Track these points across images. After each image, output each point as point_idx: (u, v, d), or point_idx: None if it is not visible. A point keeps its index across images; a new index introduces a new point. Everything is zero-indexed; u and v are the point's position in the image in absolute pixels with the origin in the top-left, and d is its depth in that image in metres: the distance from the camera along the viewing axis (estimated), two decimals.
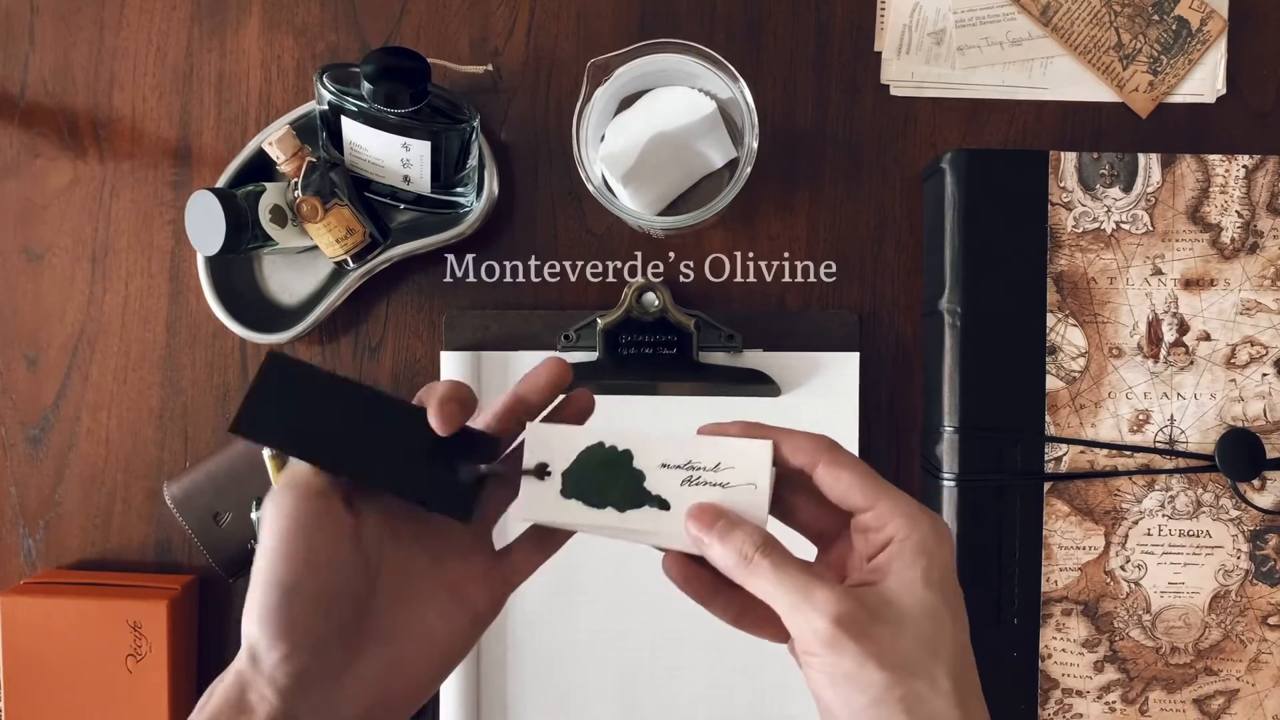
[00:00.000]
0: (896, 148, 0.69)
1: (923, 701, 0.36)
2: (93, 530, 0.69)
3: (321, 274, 0.67)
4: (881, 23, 0.69)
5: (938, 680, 0.36)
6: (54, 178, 0.69)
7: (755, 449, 0.40)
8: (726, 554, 0.38)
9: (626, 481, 0.41)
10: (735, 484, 0.40)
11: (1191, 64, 0.68)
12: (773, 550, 0.38)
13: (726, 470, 0.40)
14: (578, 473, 0.41)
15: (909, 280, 0.68)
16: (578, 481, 0.41)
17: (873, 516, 0.39)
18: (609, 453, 0.41)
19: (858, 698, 0.36)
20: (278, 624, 0.37)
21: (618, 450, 0.41)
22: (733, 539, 0.38)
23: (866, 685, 0.36)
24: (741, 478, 0.40)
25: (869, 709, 0.36)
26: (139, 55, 0.69)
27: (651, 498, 0.41)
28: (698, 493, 0.40)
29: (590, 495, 0.41)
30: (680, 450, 0.41)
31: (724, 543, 0.38)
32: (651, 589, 0.66)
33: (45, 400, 0.69)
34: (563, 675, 0.67)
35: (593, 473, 0.41)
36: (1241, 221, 0.63)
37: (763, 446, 0.40)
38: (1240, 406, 0.63)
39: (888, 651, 0.36)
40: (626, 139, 0.63)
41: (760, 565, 0.38)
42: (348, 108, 0.61)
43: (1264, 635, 0.63)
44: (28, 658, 0.64)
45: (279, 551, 0.38)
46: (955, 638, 0.37)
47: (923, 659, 0.36)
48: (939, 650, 0.37)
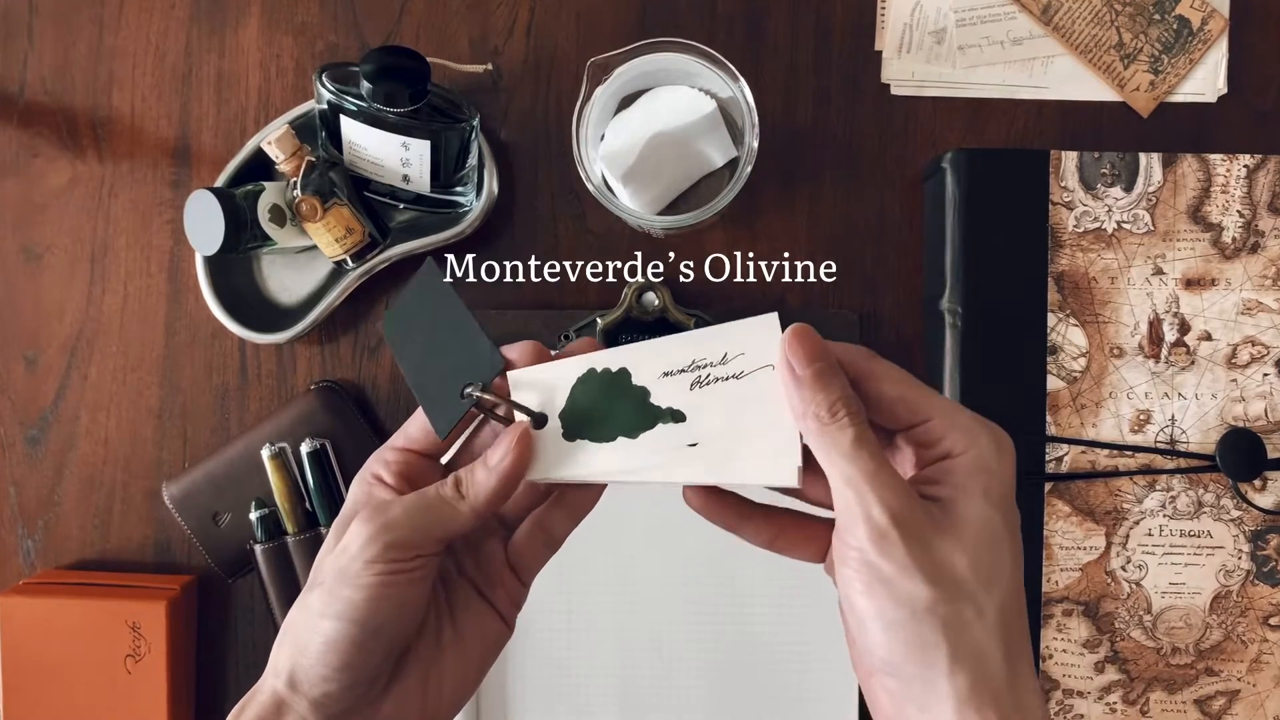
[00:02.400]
0: (897, 147, 0.68)
1: (966, 628, 0.32)
2: (92, 531, 0.69)
3: (321, 274, 0.67)
4: (882, 22, 0.68)
5: (985, 610, 0.32)
6: (53, 177, 0.69)
7: (761, 325, 0.35)
8: (815, 399, 0.34)
9: (630, 403, 0.36)
10: (749, 370, 0.35)
11: (1193, 63, 0.68)
12: (860, 418, 0.34)
13: (736, 359, 0.35)
14: (575, 409, 0.37)
15: (909, 280, 0.68)
16: (578, 418, 0.37)
17: (924, 430, 0.35)
18: (603, 377, 0.37)
19: (893, 609, 0.32)
20: (348, 660, 0.35)
21: (612, 372, 0.37)
22: (829, 387, 0.34)
23: (907, 597, 0.32)
24: (755, 361, 0.35)
25: (904, 624, 0.32)
26: (138, 55, 0.69)
27: (663, 413, 0.36)
28: (711, 393, 0.36)
29: (595, 430, 0.37)
30: (679, 351, 0.36)
31: (817, 386, 0.34)
32: (653, 588, 0.66)
33: (44, 400, 0.69)
34: (563, 675, 0.67)
35: (592, 404, 0.37)
36: (1243, 221, 0.63)
37: (768, 321, 0.35)
38: (1241, 406, 0.63)
39: (940, 565, 0.32)
40: (626, 138, 0.62)
41: (843, 428, 0.33)
42: (347, 107, 0.61)
43: (1265, 636, 0.63)
44: (27, 658, 0.64)
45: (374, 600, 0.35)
46: (1013, 567, 0.34)
47: (974, 583, 0.32)
48: (995, 577, 0.33)
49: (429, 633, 0.38)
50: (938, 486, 0.34)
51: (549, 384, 0.37)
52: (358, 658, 0.35)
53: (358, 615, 0.35)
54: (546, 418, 0.37)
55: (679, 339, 0.36)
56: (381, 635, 0.36)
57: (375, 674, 0.36)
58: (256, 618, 0.68)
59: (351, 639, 0.35)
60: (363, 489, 0.39)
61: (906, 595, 0.32)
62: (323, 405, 0.66)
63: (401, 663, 0.38)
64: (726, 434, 0.36)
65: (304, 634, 0.36)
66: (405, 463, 0.39)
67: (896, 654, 0.33)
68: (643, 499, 0.65)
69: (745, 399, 0.36)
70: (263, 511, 0.65)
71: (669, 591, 0.66)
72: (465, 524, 0.37)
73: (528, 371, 0.38)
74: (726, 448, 0.36)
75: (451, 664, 0.39)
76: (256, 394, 0.69)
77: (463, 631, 0.39)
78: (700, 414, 0.36)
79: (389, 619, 0.36)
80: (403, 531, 0.36)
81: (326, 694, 0.36)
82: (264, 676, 0.37)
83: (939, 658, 0.32)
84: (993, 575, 0.33)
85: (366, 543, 0.36)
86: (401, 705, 0.37)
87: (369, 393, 0.69)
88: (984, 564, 0.33)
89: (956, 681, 0.32)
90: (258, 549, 0.65)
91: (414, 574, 0.36)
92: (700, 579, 0.66)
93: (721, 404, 0.36)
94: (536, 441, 0.37)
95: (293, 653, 0.36)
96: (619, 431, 0.36)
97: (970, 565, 0.32)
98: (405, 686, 0.37)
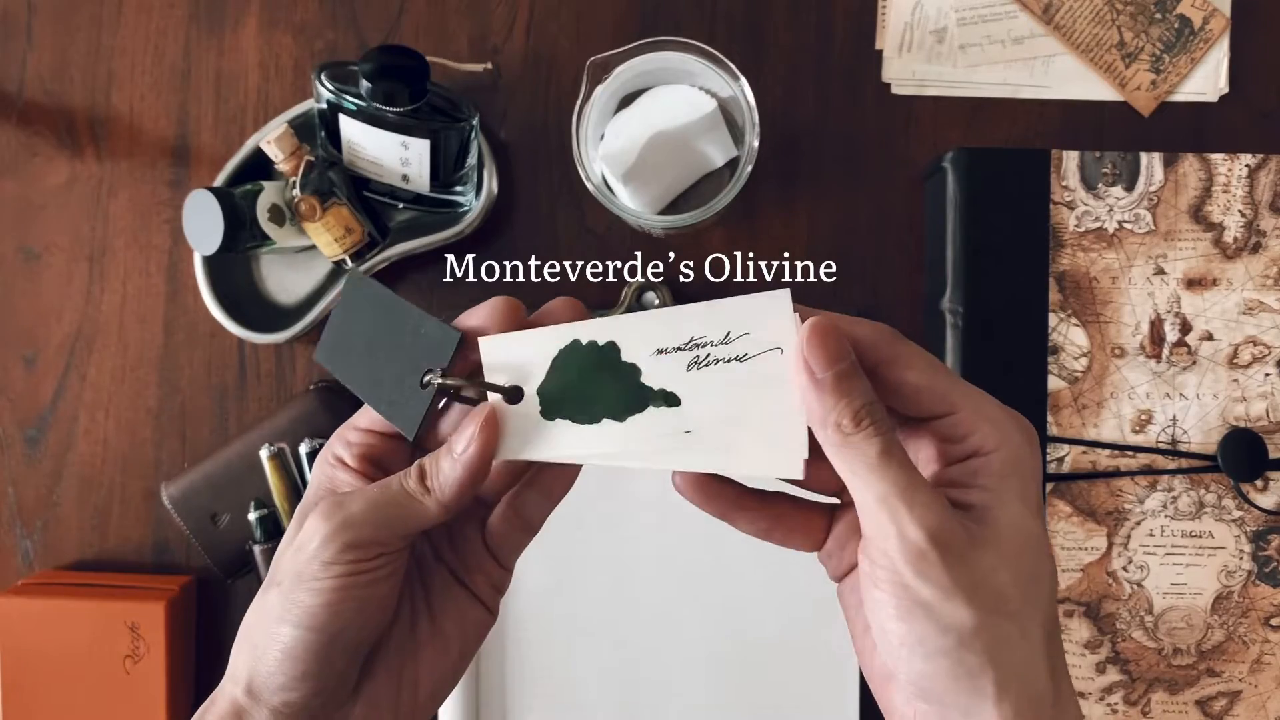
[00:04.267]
0: (898, 146, 0.68)
1: (1012, 650, 0.29)
2: (90, 531, 0.69)
3: (320, 273, 0.67)
4: (883, 21, 0.68)
5: (1029, 629, 0.30)
6: (51, 177, 0.69)
7: (771, 303, 0.31)
8: (838, 406, 0.30)
9: (619, 382, 0.32)
10: (755, 353, 0.31)
11: (1194, 63, 0.67)
12: (886, 426, 0.30)
13: (740, 339, 0.31)
14: (555, 385, 0.33)
15: (910, 280, 0.68)
16: (557, 395, 0.33)
17: (950, 423, 0.32)
18: (589, 351, 0.33)
19: (937, 637, 0.29)
20: (307, 669, 0.33)
21: (599, 345, 0.33)
22: (853, 392, 0.30)
23: (950, 624, 0.29)
24: (761, 343, 0.31)
25: (948, 653, 0.29)
26: (137, 54, 0.69)
27: (655, 394, 0.32)
28: (711, 376, 0.32)
29: (577, 410, 0.33)
30: (677, 326, 0.32)
31: (840, 392, 0.30)
32: (652, 587, 0.66)
33: (43, 400, 0.69)
34: (562, 675, 0.66)
35: (574, 380, 0.33)
36: (1244, 221, 0.63)
37: (779, 298, 0.31)
38: (1243, 406, 0.63)
39: (982, 585, 0.29)
40: (626, 138, 0.62)
41: (869, 439, 0.30)
42: (346, 106, 0.61)
43: (1266, 636, 0.63)
44: (25, 659, 0.63)
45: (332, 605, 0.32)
46: (1051, 576, 0.31)
47: (1018, 600, 0.30)
48: (1036, 591, 0.30)
49: (403, 626, 0.36)
50: (969, 491, 0.31)
51: (527, 354, 0.33)
52: (318, 666, 0.33)
53: (315, 622, 0.32)
54: (521, 391, 0.33)
55: (676, 311, 0.32)
56: (343, 640, 0.33)
57: (340, 679, 0.34)
58: None
59: (310, 647, 0.32)
60: (324, 472, 0.36)
61: (950, 621, 0.29)
62: (321, 405, 0.66)
63: (372, 660, 0.35)
64: (726, 422, 0.32)
65: (261, 640, 0.33)
66: (369, 444, 0.36)
67: (939, 684, 0.30)
68: (644, 499, 0.65)
69: (749, 384, 0.32)
70: (262, 512, 0.65)
71: (669, 592, 0.66)
72: (432, 519, 0.34)
73: (503, 339, 0.34)
74: (726, 436, 0.32)
75: (429, 657, 0.36)
76: (255, 394, 0.69)
77: (441, 622, 0.36)
78: (697, 398, 0.32)
79: (351, 623, 0.33)
80: (363, 530, 0.33)
81: (287, 703, 0.33)
82: (223, 681, 0.34)
83: (985, 684, 0.29)
84: (1034, 588, 0.30)
85: (324, 542, 0.33)
86: (373, 706, 0.35)
87: None
88: (1025, 577, 0.30)
89: (1004, 709, 0.29)
90: (256, 549, 0.65)
91: (377, 573, 0.33)
92: (701, 579, 0.66)
93: (722, 389, 0.32)
94: (510, 418, 0.33)
95: (250, 660, 0.33)
96: (604, 413, 0.33)
97: (1013, 581, 0.30)
98: (377, 686, 0.35)
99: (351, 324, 0.37)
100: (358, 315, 0.37)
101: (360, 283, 0.37)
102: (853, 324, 0.32)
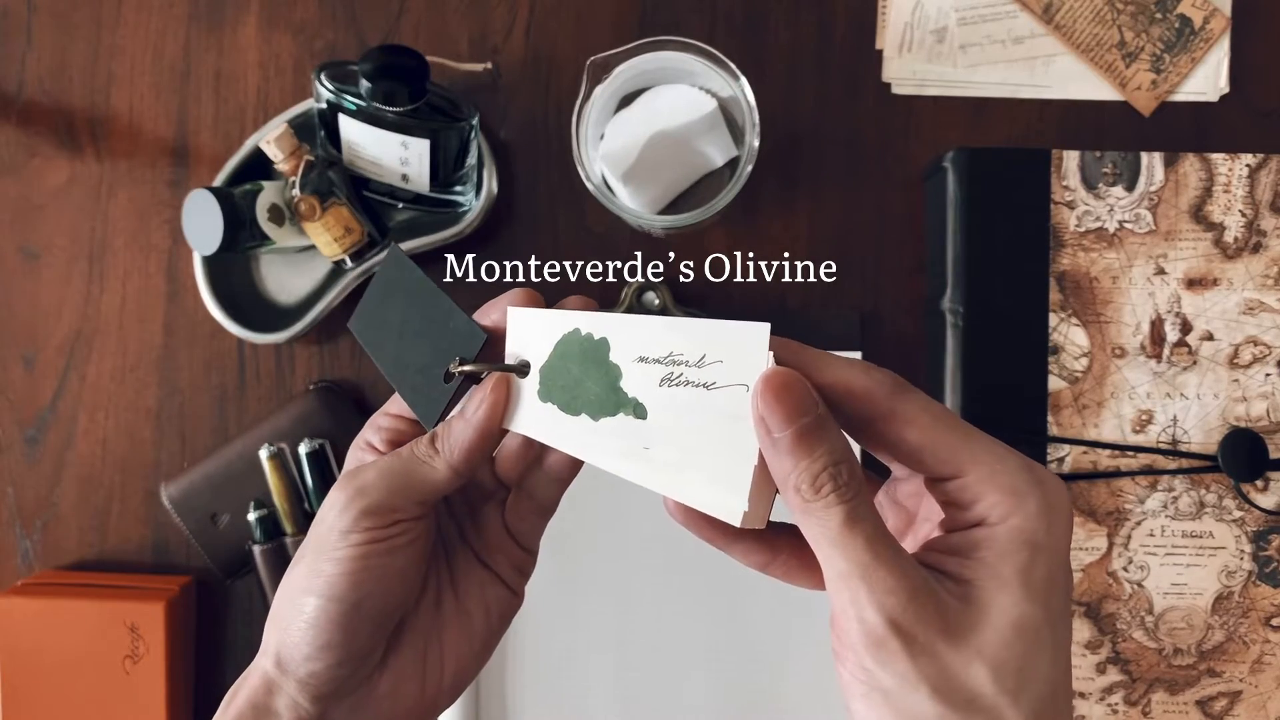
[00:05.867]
0: (898, 146, 0.68)
1: None
2: (90, 531, 0.69)
3: (319, 273, 0.67)
4: (883, 20, 0.68)
5: None
6: (51, 177, 0.69)
7: (747, 335, 0.29)
8: (796, 467, 0.27)
9: (601, 381, 0.32)
10: (723, 384, 0.29)
11: (1194, 62, 0.67)
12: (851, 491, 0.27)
13: (713, 366, 0.29)
14: (553, 369, 0.33)
15: (910, 280, 0.68)
16: (553, 380, 0.33)
17: (956, 487, 0.29)
18: (584, 342, 0.32)
19: None
20: (330, 639, 0.33)
21: (593, 339, 0.32)
22: (813, 452, 0.27)
23: (910, 713, 0.27)
24: (730, 375, 0.29)
25: None
26: (136, 54, 0.69)
27: (627, 402, 0.31)
28: (678, 396, 0.30)
29: (565, 398, 0.33)
30: (661, 338, 0.31)
31: (799, 452, 0.27)
32: (654, 589, 0.66)
33: (42, 400, 0.69)
34: (562, 676, 0.66)
35: (567, 368, 0.33)
36: (1244, 221, 0.63)
37: (756, 332, 0.29)
38: (1243, 407, 0.63)
39: (950, 678, 0.27)
40: (626, 137, 0.62)
41: (829, 506, 0.27)
42: (346, 106, 0.61)
43: (1267, 637, 0.63)
44: (25, 659, 0.63)
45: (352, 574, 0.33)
46: (1052, 666, 0.27)
47: (996, 695, 0.27)
48: (1024, 684, 0.27)
49: (428, 602, 0.36)
50: (963, 562, 0.28)
51: (539, 332, 0.34)
52: (342, 635, 0.33)
53: (336, 591, 0.33)
54: (529, 365, 0.34)
55: (664, 323, 0.31)
56: (366, 610, 0.33)
57: (365, 650, 0.34)
58: (255, 618, 0.68)
59: (332, 616, 0.33)
60: (355, 457, 0.37)
61: (909, 711, 0.27)
62: (321, 405, 0.66)
63: (399, 635, 0.35)
64: (681, 447, 0.30)
65: (287, 612, 0.34)
66: (398, 430, 0.37)
67: None
68: (643, 498, 0.65)
69: (712, 414, 0.29)
70: (261, 512, 0.65)
71: (669, 592, 0.66)
72: (444, 482, 0.34)
73: (528, 313, 0.35)
74: (677, 461, 0.30)
75: (454, 636, 0.36)
76: (255, 394, 0.69)
77: (465, 601, 0.37)
78: (661, 415, 0.30)
79: (372, 592, 0.33)
80: (377, 495, 0.34)
81: (312, 673, 0.33)
82: (257, 656, 0.35)
83: None
84: (1023, 681, 0.27)
85: (341, 511, 0.34)
86: (399, 681, 0.35)
87: (368, 393, 0.69)
88: (1010, 670, 0.27)
89: None
90: (256, 549, 0.65)
91: (395, 540, 0.34)
92: (701, 580, 0.66)
93: (684, 412, 0.30)
94: (518, 391, 0.34)
95: (278, 632, 0.34)
96: (583, 408, 0.32)
97: (992, 675, 0.27)
98: (403, 661, 0.35)
99: (385, 300, 0.38)
100: (392, 292, 0.38)
101: (400, 262, 0.38)
102: (843, 369, 0.29)
